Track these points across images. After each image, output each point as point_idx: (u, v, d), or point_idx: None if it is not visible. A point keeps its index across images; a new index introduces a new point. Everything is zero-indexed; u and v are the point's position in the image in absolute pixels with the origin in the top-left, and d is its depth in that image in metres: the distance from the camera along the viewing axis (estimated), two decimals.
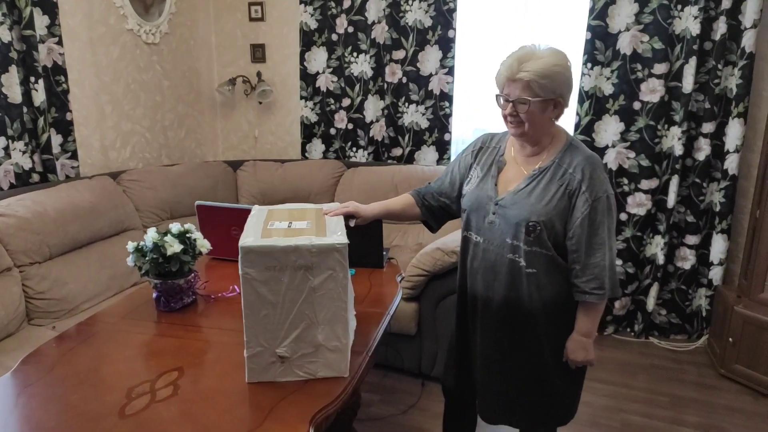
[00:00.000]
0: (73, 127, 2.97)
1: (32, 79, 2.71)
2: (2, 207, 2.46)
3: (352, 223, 1.75)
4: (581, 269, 1.61)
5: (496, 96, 1.63)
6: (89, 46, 3.10)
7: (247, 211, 1.61)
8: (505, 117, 1.62)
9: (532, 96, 1.54)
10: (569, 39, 3.28)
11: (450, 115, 3.58)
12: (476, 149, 1.81)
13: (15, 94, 2.65)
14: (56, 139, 2.91)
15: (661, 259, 3.26)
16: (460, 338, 1.89)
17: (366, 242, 2.00)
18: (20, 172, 2.74)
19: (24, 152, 2.74)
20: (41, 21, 2.76)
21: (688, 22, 2.97)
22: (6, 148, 2.66)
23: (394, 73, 3.60)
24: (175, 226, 1.81)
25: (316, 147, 3.94)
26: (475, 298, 1.78)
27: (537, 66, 1.51)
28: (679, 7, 3.00)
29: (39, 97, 2.74)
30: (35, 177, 2.82)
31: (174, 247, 1.74)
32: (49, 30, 2.80)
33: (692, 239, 3.23)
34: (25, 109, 2.71)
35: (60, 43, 2.84)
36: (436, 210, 1.88)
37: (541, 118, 1.58)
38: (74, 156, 3.00)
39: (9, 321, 2.33)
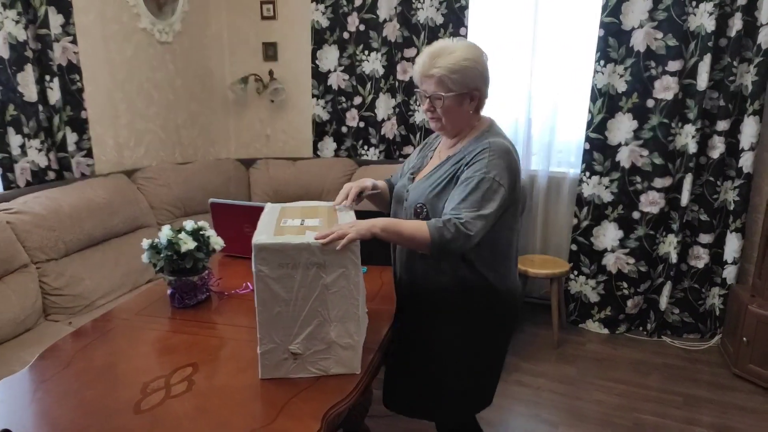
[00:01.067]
0: (87, 126, 3.00)
1: (47, 77, 2.74)
2: (19, 204, 2.50)
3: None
4: (449, 212, 1.50)
5: (416, 92, 1.66)
6: (103, 44, 3.12)
7: (260, 209, 1.62)
8: (426, 113, 1.65)
9: (446, 91, 1.56)
10: (582, 36, 3.26)
11: None
12: (423, 145, 1.86)
13: (31, 93, 2.68)
14: (71, 137, 2.94)
15: (674, 258, 3.23)
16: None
17: (377, 240, 2.00)
18: (36, 170, 2.78)
19: (40, 150, 2.77)
20: (56, 20, 2.78)
21: (703, 18, 2.94)
22: (22, 146, 2.69)
23: (405, 71, 3.60)
24: (188, 224, 1.83)
25: (328, 145, 3.94)
26: (398, 281, 1.81)
27: (447, 62, 1.54)
28: (694, 3, 2.97)
29: (54, 95, 2.77)
30: (51, 175, 2.85)
31: (188, 244, 1.75)
32: (64, 29, 2.82)
33: (706, 238, 3.21)
34: (40, 108, 2.74)
35: (74, 41, 2.87)
36: None
37: (459, 111, 1.61)
38: (89, 154, 3.03)
39: (26, 316, 2.37)
